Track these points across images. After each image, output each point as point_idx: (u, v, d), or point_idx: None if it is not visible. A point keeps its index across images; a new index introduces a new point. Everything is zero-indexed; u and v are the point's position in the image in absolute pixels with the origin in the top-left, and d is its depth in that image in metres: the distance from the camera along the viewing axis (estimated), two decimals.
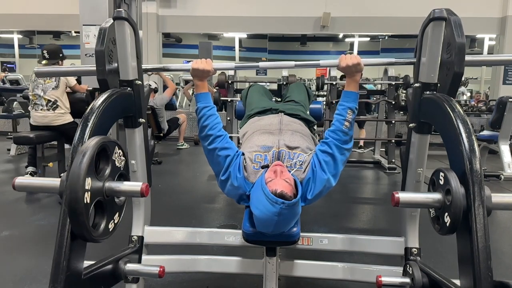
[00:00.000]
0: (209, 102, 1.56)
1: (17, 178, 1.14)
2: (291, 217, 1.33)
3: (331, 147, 1.48)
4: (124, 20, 1.42)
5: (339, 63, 1.51)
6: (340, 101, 1.53)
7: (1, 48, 12.11)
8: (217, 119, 1.55)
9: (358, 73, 1.50)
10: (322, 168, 1.47)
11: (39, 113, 3.67)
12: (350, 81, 1.53)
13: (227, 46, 11.94)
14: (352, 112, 1.48)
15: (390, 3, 7.80)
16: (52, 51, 3.77)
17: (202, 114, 1.54)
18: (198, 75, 1.56)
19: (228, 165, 1.50)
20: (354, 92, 1.51)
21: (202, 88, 1.58)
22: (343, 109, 1.49)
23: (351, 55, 1.50)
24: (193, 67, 1.54)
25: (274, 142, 1.59)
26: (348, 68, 1.48)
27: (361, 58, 1.48)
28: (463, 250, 1.01)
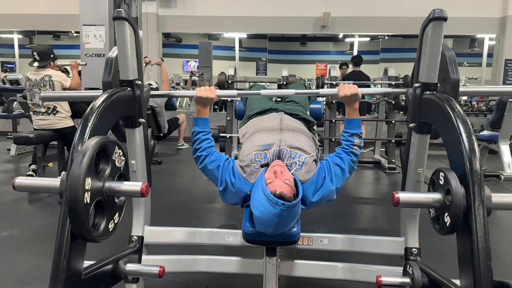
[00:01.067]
0: (206, 128, 1.65)
1: (17, 178, 1.14)
2: (291, 218, 1.33)
3: (344, 162, 1.55)
4: (124, 20, 1.42)
5: (338, 93, 1.59)
6: (344, 129, 1.61)
7: (1, 48, 12.11)
8: (210, 143, 1.63)
9: (357, 101, 1.59)
10: (331, 179, 1.52)
11: (39, 117, 3.68)
12: (350, 109, 1.62)
13: (227, 46, 11.94)
14: (359, 137, 1.58)
15: (390, 3, 7.80)
16: (42, 53, 3.64)
17: (197, 138, 1.63)
18: (202, 102, 1.63)
19: (221, 173, 1.55)
20: (357, 119, 1.60)
21: (203, 114, 1.65)
22: (349, 136, 1.59)
23: (349, 85, 1.60)
24: (197, 95, 1.61)
25: (275, 140, 1.59)
26: (347, 98, 1.58)
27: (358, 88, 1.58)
28: (463, 250, 1.01)
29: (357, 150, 1.57)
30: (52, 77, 3.62)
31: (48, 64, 3.67)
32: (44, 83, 3.61)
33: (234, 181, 1.53)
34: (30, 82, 3.65)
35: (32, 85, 3.64)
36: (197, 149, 1.61)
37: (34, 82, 3.62)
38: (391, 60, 10.64)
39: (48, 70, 3.66)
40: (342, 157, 1.56)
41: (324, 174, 1.52)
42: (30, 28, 9.64)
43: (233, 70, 4.77)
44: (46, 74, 3.62)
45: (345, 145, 1.59)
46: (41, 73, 3.62)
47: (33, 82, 3.63)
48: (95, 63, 4.70)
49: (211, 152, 1.60)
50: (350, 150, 1.56)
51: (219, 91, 1.66)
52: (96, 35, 4.63)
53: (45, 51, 3.67)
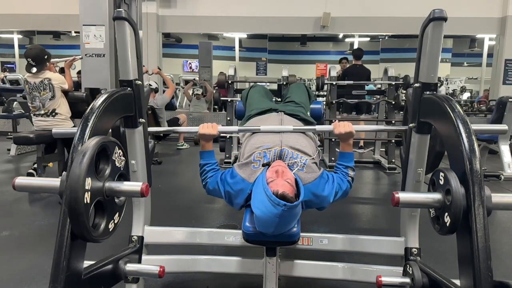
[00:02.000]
0: (211, 159, 1.73)
1: (17, 178, 1.14)
2: (292, 218, 1.33)
3: (344, 184, 1.63)
4: (124, 20, 1.42)
5: (333, 130, 1.67)
6: (338, 161, 1.70)
7: (1, 48, 12.11)
8: (216, 172, 1.70)
9: (351, 138, 1.67)
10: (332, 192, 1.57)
11: (40, 119, 3.69)
12: (344, 145, 1.70)
13: (227, 46, 11.94)
14: (352, 170, 1.67)
15: (390, 3, 7.80)
16: (36, 57, 3.57)
17: (203, 170, 1.72)
18: (205, 138, 1.72)
19: (221, 185, 1.61)
20: (350, 153, 1.70)
21: (207, 147, 1.74)
22: (344, 168, 1.67)
23: (344, 123, 1.67)
24: (200, 132, 1.69)
25: (276, 141, 1.60)
26: (341, 135, 1.65)
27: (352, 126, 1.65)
28: (463, 250, 1.01)
29: (351, 182, 1.66)
30: (52, 80, 3.60)
31: (45, 66, 3.62)
32: (44, 86, 3.59)
33: (232, 182, 1.55)
34: (29, 86, 3.61)
35: (32, 89, 3.61)
36: (203, 179, 1.70)
37: (33, 85, 3.60)
38: (391, 60, 10.65)
39: (47, 73, 3.63)
40: (343, 180, 1.64)
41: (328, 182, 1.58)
42: (30, 28, 9.63)
43: (233, 70, 4.78)
44: (45, 77, 3.59)
45: (340, 174, 1.66)
46: (40, 76, 3.59)
47: (32, 85, 3.60)
48: (95, 63, 4.70)
49: (212, 175, 1.70)
50: (346, 179, 1.65)
51: (221, 128, 1.74)
52: (96, 35, 4.62)
53: (38, 55, 3.58)
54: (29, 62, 3.58)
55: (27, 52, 3.63)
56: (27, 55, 3.59)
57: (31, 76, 3.61)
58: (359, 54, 6.27)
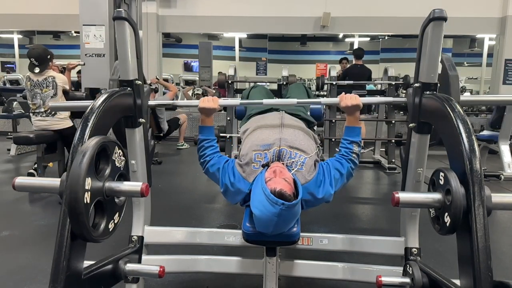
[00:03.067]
0: (210, 135, 1.69)
1: (17, 178, 1.14)
2: (291, 217, 1.33)
3: (344, 168, 1.57)
4: (124, 20, 1.42)
5: (339, 102, 1.62)
6: (344, 136, 1.63)
7: (1, 48, 12.10)
8: (213, 150, 1.67)
9: (357, 111, 1.62)
10: (331, 183, 1.53)
11: (39, 118, 3.68)
12: (350, 118, 1.64)
13: (227, 46, 11.94)
14: (357, 145, 1.60)
15: (390, 3, 7.79)
16: (39, 57, 3.60)
17: (201, 145, 1.67)
18: (205, 112, 1.67)
19: (221, 175, 1.59)
20: (357, 127, 1.63)
21: (207, 122, 1.70)
22: (348, 143, 1.61)
23: (351, 95, 1.62)
24: (200, 106, 1.65)
25: (275, 140, 1.59)
26: (348, 108, 1.60)
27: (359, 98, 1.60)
28: (463, 250, 1.01)
29: (356, 159, 1.59)
30: (56, 78, 3.64)
31: (48, 66, 3.67)
32: (47, 83, 3.61)
33: (233, 181, 1.55)
34: (31, 82, 3.64)
35: (34, 86, 3.63)
36: (201, 156, 1.66)
37: (36, 82, 3.62)
38: (391, 60, 10.64)
39: (51, 72, 3.68)
40: (342, 163, 1.58)
41: (324, 177, 1.54)
42: (30, 28, 9.63)
43: (233, 70, 4.77)
44: (49, 75, 3.64)
45: (344, 152, 1.60)
46: (44, 74, 3.63)
47: (34, 82, 3.63)
48: (95, 63, 4.70)
49: (213, 157, 1.64)
50: (349, 157, 1.58)
51: (222, 101, 1.70)
52: (96, 35, 4.62)
53: (41, 55, 3.62)
54: (32, 62, 3.61)
55: (30, 52, 3.65)
56: (30, 55, 3.62)
57: (34, 74, 3.64)
58: (360, 53, 6.26)
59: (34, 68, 3.60)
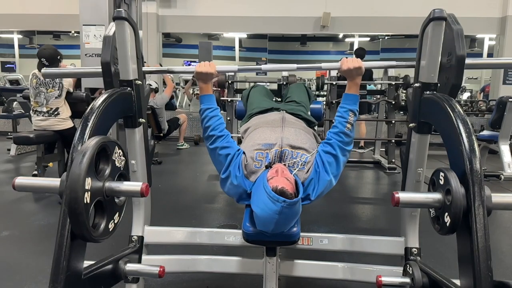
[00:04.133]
0: (212, 104, 1.61)
1: (17, 178, 1.14)
2: (292, 216, 1.33)
3: (334, 148, 1.50)
4: (124, 20, 1.42)
5: (340, 66, 1.54)
6: (341, 103, 1.56)
7: (1, 48, 12.10)
8: (220, 120, 1.59)
9: (359, 76, 1.54)
10: (325, 169, 1.49)
11: (40, 118, 3.68)
12: (351, 84, 1.57)
13: (227, 46, 11.93)
14: (354, 114, 1.52)
15: (390, 3, 7.80)
16: (50, 57, 3.64)
17: (205, 115, 1.59)
18: (202, 78, 1.60)
19: (229, 163, 1.53)
20: (355, 95, 1.55)
21: (206, 90, 1.62)
22: (344, 111, 1.53)
23: (352, 58, 1.54)
24: (197, 70, 1.58)
25: (277, 139, 1.59)
26: (350, 71, 1.53)
27: (361, 61, 1.52)
28: (463, 250, 1.01)
29: (350, 130, 1.50)
30: (63, 80, 3.66)
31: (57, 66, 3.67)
32: (53, 84, 3.63)
33: (238, 174, 1.52)
34: (37, 80, 3.65)
35: (40, 84, 3.64)
36: (207, 128, 1.57)
37: (43, 81, 3.64)
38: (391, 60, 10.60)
39: None
40: (331, 143, 1.51)
41: (318, 168, 1.50)
42: (30, 28, 9.64)
43: None
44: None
45: (337, 122, 1.53)
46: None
47: (41, 80, 3.64)
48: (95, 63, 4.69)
49: (224, 135, 1.56)
50: (341, 130, 1.50)
51: (219, 67, 1.63)
52: (96, 35, 4.62)
53: (52, 56, 3.65)
54: (42, 62, 3.62)
55: (41, 51, 3.69)
56: (40, 55, 3.65)
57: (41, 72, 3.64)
58: (361, 53, 6.24)
59: (44, 68, 3.59)
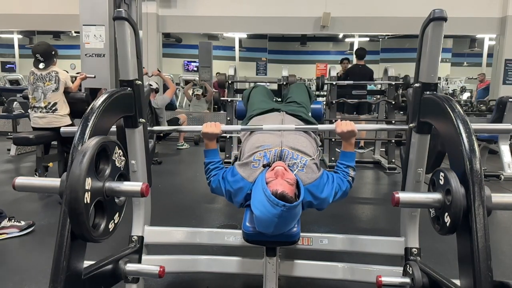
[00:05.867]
0: (215, 158, 1.74)
1: (17, 178, 1.14)
2: (292, 218, 1.33)
3: (344, 184, 1.62)
4: (124, 20, 1.42)
5: (335, 129, 1.66)
6: (339, 160, 1.68)
7: (1, 48, 12.10)
8: (220, 171, 1.70)
9: (353, 137, 1.66)
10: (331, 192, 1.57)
11: (38, 114, 3.67)
12: (346, 144, 1.69)
13: (227, 46, 11.94)
14: (353, 170, 1.66)
15: (390, 3, 7.79)
16: (45, 53, 3.65)
17: (207, 168, 1.73)
18: (208, 137, 1.72)
19: (222, 183, 1.62)
20: (352, 153, 1.69)
21: (211, 146, 1.75)
22: (345, 167, 1.67)
23: (346, 122, 1.65)
24: (203, 131, 1.70)
25: (276, 142, 1.59)
26: (343, 134, 1.64)
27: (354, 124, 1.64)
28: (463, 250, 1.01)
29: (351, 181, 1.65)
30: (59, 73, 3.67)
31: (52, 63, 3.69)
32: (50, 77, 3.64)
33: (232, 180, 1.55)
34: (34, 76, 3.66)
35: (37, 79, 3.66)
36: (208, 177, 1.72)
37: (39, 76, 3.65)
38: (391, 60, 10.64)
39: (55, 67, 3.70)
40: (343, 180, 1.63)
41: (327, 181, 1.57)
42: (30, 28, 9.63)
43: (233, 70, 4.77)
44: (53, 70, 3.67)
45: (341, 174, 1.65)
46: (48, 69, 3.66)
47: (38, 76, 3.66)
48: (95, 63, 4.70)
49: (216, 173, 1.70)
50: (347, 179, 1.63)
51: (224, 126, 1.75)
52: (96, 35, 4.63)
53: (47, 51, 3.68)
54: (37, 58, 3.64)
55: (35, 48, 3.70)
56: (35, 51, 3.66)
57: (38, 68, 3.67)
58: (361, 53, 6.21)
59: (39, 63, 3.64)
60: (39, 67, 3.64)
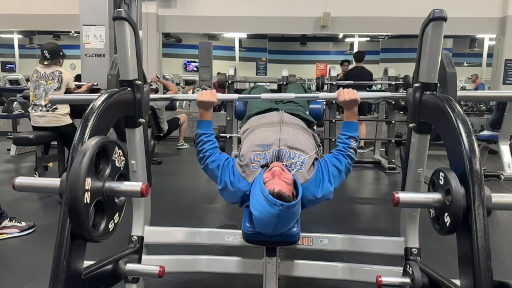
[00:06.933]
0: (208, 129, 1.68)
1: (17, 178, 1.14)
2: (291, 218, 1.33)
3: (341, 164, 1.56)
4: (124, 20, 1.42)
5: (337, 97, 1.62)
6: (341, 131, 1.63)
7: (1, 48, 12.10)
8: (213, 144, 1.66)
9: (355, 106, 1.62)
10: (330, 180, 1.53)
11: (38, 113, 3.67)
12: (348, 113, 1.64)
13: (227, 46, 11.94)
14: (355, 141, 1.60)
15: (390, 3, 7.80)
16: (52, 51, 3.72)
17: (200, 140, 1.66)
18: (204, 106, 1.67)
19: (221, 173, 1.57)
20: (354, 122, 1.63)
21: (206, 117, 1.69)
22: (346, 138, 1.61)
23: (348, 90, 1.62)
24: (199, 99, 1.65)
25: (275, 140, 1.59)
26: (346, 102, 1.60)
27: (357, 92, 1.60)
28: (463, 250, 1.01)
29: (353, 154, 1.58)
30: (63, 74, 3.70)
31: (57, 62, 3.73)
32: (53, 76, 3.66)
33: (233, 180, 1.54)
34: (38, 74, 3.69)
35: (40, 77, 3.68)
36: (200, 151, 1.64)
37: (43, 74, 3.68)
38: (391, 60, 10.63)
39: (59, 67, 3.74)
40: (339, 159, 1.57)
41: (322, 175, 1.53)
42: (30, 28, 9.64)
43: (233, 70, 4.77)
44: (57, 70, 3.70)
45: (341, 147, 1.60)
46: (52, 68, 3.69)
47: (41, 74, 3.68)
48: (95, 63, 4.70)
49: (213, 153, 1.63)
50: (347, 153, 1.57)
51: (220, 95, 1.70)
52: (96, 35, 4.63)
53: (54, 49, 3.74)
54: (44, 55, 3.69)
55: (44, 45, 3.79)
56: (43, 48, 3.73)
57: (42, 66, 3.71)
58: (360, 56, 6.23)
59: (45, 60, 3.69)
60: (44, 63, 3.67)
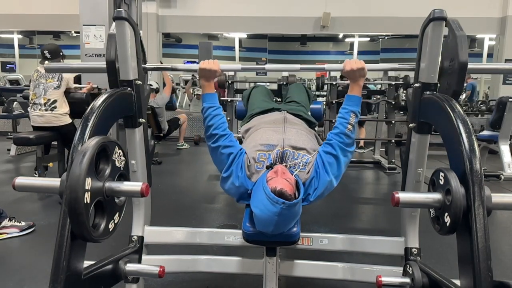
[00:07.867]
0: (215, 103, 1.59)
1: (17, 178, 1.14)
2: (292, 217, 1.33)
3: (335, 148, 1.50)
4: (124, 20, 1.42)
5: (344, 67, 1.53)
6: (343, 105, 1.56)
7: (1, 48, 12.09)
8: (222, 119, 1.58)
9: (362, 77, 1.53)
10: (326, 169, 1.49)
11: (37, 113, 3.67)
12: (353, 85, 1.56)
13: (227, 46, 11.93)
14: (355, 116, 1.52)
15: (390, 3, 7.80)
16: (53, 51, 3.76)
17: (207, 114, 1.57)
18: (206, 75, 1.58)
19: (231, 163, 1.52)
20: (358, 96, 1.55)
21: (209, 89, 1.60)
22: (346, 112, 1.52)
23: (356, 60, 1.53)
24: (201, 67, 1.57)
25: (279, 140, 1.59)
26: (353, 72, 1.52)
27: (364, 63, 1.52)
28: (463, 250, 1.01)
29: (351, 131, 1.50)
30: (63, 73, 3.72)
31: (58, 62, 3.74)
32: (53, 75, 3.69)
33: (240, 175, 1.51)
34: (38, 74, 3.71)
35: (40, 76, 3.70)
36: (209, 127, 1.55)
37: (43, 74, 3.70)
38: (391, 60, 10.63)
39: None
40: (332, 144, 1.50)
41: (318, 168, 1.50)
42: (30, 28, 9.64)
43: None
44: None
45: (338, 123, 1.52)
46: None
47: (41, 73, 3.71)
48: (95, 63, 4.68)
49: (227, 134, 1.55)
50: (342, 131, 1.49)
51: (223, 65, 1.62)
52: (96, 35, 4.63)
53: (55, 50, 3.79)
54: (45, 55, 3.74)
55: (44, 46, 3.85)
56: (43, 49, 3.79)
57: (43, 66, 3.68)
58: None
59: (45, 60, 3.72)
60: (44, 63, 3.67)
